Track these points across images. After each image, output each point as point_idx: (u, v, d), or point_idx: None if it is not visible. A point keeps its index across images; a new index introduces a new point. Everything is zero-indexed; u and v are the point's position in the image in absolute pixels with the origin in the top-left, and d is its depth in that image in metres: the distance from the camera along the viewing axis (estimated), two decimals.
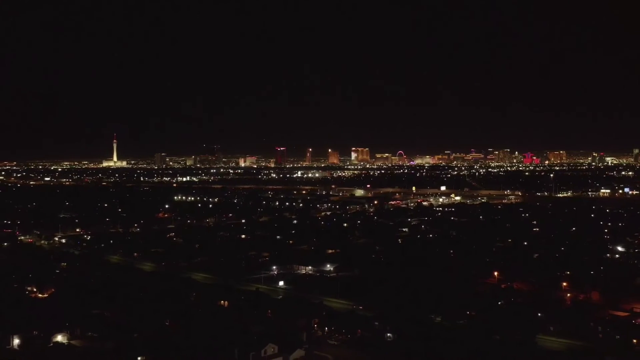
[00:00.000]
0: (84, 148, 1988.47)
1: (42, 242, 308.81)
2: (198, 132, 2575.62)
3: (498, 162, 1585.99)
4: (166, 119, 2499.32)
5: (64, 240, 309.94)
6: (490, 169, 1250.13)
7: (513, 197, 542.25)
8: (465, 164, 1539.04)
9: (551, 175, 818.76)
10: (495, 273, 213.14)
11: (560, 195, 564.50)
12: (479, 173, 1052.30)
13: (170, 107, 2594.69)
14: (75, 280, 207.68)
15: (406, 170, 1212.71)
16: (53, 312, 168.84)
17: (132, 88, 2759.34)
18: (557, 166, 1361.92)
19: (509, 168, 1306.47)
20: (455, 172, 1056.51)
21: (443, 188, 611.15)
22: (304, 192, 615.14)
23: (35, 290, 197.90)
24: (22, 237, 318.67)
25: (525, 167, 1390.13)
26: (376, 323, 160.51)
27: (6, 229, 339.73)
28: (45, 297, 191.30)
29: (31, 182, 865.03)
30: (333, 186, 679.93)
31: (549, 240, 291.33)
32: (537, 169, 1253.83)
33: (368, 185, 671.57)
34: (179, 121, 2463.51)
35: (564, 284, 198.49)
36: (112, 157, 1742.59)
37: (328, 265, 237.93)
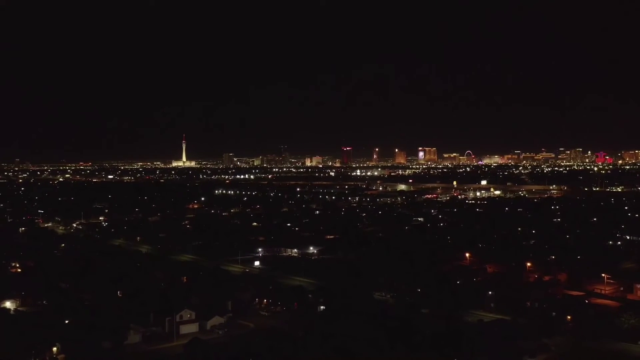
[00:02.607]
0: (158, 149, 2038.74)
1: (60, 227, 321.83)
2: (267, 133, 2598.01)
3: (569, 162, 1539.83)
4: (235, 120, 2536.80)
5: (80, 227, 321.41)
6: (557, 168, 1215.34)
7: (555, 191, 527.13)
8: (535, 164, 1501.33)
9: (602, 172, 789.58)
10: (467, 255, 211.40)
11: (608, 190, 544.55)
12: (542, 171, 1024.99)
13: (240, 108, 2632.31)
14: (56, 258, 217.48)
15: (469, 169, 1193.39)
16: (21, 283, 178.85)
17: (206, 90, 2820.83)
18: (629, 165, 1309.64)
19: (576, 167, 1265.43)
20: (517, 171, 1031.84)
21: (484, 182, 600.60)
22: (346, 187, 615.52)
23: (17, 265, 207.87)
24: (44, 224, 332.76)
25: (596, 166, 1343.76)
26: (310, 296, 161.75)
27: (30, 216, 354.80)
28: (19, 271, 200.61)
29: (94, 180, 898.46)
30: (378, 182, 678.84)
31: (557, 229, 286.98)
32: (607, 167, 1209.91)
33: (411, 180, 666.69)
34: (249, 123, 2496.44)
35: (529, 264, 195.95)
36: (182, 157, 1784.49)
37: (311, 248, 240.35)
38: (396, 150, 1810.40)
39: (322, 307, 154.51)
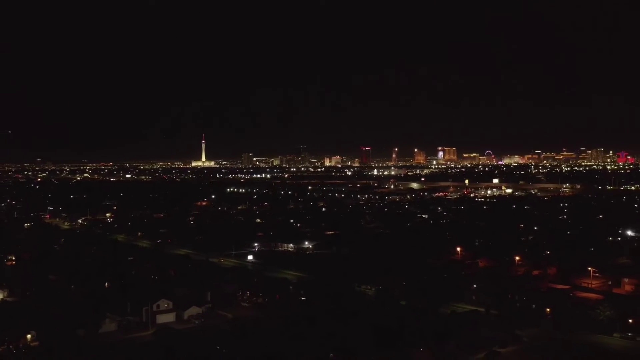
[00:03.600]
0: (179, 150, 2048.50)
1: (66, 223, 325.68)
2: (286, 133, 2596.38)
3: (590, 162, 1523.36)
4: (254, 120, 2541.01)
5: (85, 223, 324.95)
6: (577, 168, 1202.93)
7: (567, 190, 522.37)
8: (555, 164, 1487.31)
9: (621, 171, 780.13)
10: (459, 249, 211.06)
11: (622, 188, 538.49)
12: (561, 171, 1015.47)
13: (260, 109, 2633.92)
14: (53, 252, 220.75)
15: (487, 169, 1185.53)
16: (13, 275, 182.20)
17: (227, 90, 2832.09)
18: None
19: (596, 167, 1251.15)
20: (535, 171, 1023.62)
21: (495, 181, 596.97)
22: (358, 185, 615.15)
23: (12, 258, 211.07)
24: (51, 220, 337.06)
25: (617, 165, 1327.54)
26: (290, 287, 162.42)
27: (39, 212, 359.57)
28: (13, 264, 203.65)
29: (111, 179, 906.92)
30: (391, 180, 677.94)
31: (559, 226, 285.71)
32: (628, 167, 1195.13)
33: (423, 179, 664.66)
34: (269, 123, 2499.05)
35: (517, 259, 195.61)
36: (201, 157, 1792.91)
37: (306, 243, 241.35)
38: (415, 150, 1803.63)
39: (302, 298, 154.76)
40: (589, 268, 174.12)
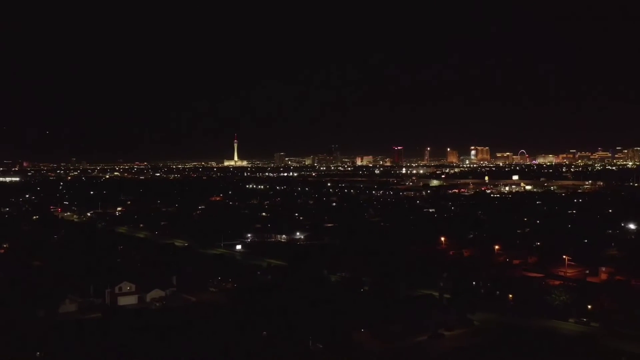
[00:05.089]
0: (212, 149, 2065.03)
1: (75, 216, 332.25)
2: (320, 133, 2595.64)
3: (625, 161, 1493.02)
4: (289, 120, 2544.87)
5: (93, 216, 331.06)
6: (610, 167, 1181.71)
7: (588, 186, 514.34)
8: (590, 163, 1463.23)
9: None
10: (443, 239, 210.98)
11: None
12: (592, 170, 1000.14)
13: (294, 109, 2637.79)
14: (43, 240, 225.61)
15: (518, 168, 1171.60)
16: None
17: (261, 90, 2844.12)
18: None
19: (630, 166, 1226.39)
20: (565, 169, 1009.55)
21: (515, 178, 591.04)
22: (377, 182, 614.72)
23: (6, 246, 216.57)
24: (62, 213, 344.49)
25: None
26: (258, 272, 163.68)
27: (53, 206, 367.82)
28: (2, 252, 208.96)
29: (140, 177, 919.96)
30: (414, 178, 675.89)
31: (562, 219, 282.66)
32: None
33: (443, 176, 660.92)
34: (302, 123, 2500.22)
35: (497, 247, 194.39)
36: (234, 157, 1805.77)
37: (298, 234, 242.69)
38: (448, 149, 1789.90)
39: (268, 283, 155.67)
40: (564, 257, 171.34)
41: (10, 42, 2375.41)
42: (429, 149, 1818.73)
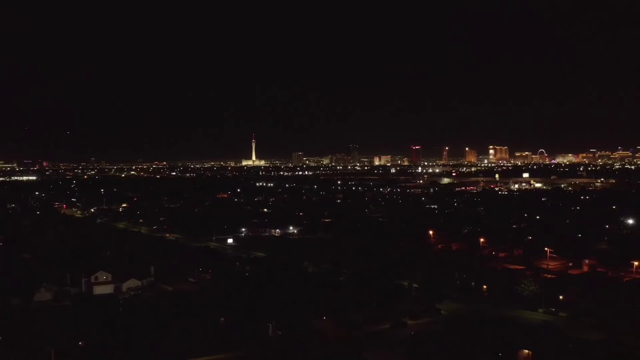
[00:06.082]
0: (231, 149, 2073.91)
1: (78, 212, 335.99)
2: (338, 133, 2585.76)
3: None
4: (306, 119, 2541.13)
5: (96, 212, 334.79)
6: (629, 166, 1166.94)
7: (599, 184, 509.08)
8: (610, 162, 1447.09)
9: None
10: (431, 233, 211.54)
11: None
12: (610, 169, 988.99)
13: (313, 108, 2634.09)
14: (36, 236, 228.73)
15: (535, 167, 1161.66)
16: None
17: (279, 89, 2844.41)
18: None
19: None
20: (583, 168, 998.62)
21: (526, 175, 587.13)
22: (388, 180, 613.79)
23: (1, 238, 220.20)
24: (67, 209, 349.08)
25: None
26: (237, 264, 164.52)
27: (58, 203, 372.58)
28: None
29: (157, 176, 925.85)
30: (425, 176, 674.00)
31: (562, 215, 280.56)
32: None
33: (454, 174, 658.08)
34: (322, 122, 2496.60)
35: (482, 240, 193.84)
36: (252, 157, 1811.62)
37: (291, 228, 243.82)
38: (467, 149, 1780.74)
39: (246, 274, 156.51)
40: (547, 250, 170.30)
41: (32, 44, 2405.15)
42: (447, 148, 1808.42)
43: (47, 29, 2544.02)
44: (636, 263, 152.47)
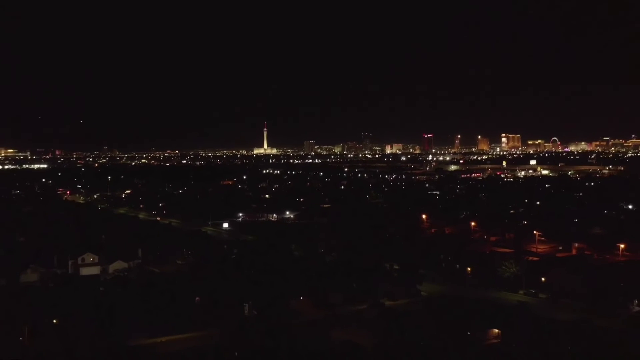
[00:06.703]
0: (243, 137, 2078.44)
1: (81, 198, 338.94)
2: (352, 121, 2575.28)
3: None
4: (322, 108, 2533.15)
5: (99, 198, 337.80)
6: None
7: (607, 171, 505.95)
8: (624, 150, 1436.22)
9: None
10: (424, 217, 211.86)
11: None
12: (623, 156, 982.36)
13: (326, 96, 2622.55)
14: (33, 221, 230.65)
15: (547, 155, 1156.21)
16: None
17: (291, 78, 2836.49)
18: None
19: None
20: (593, 156, 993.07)
21: (533, 162, 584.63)
22: (395, 167, 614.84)
23: None
24: (71, 196, 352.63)
25: None
26: (225, 246, 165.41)
27: (62, 189, 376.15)
28: None
29: (167, 164, 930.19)
30: (433, 164, 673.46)
31: (562, 201, 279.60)
32: None
33: (462, 161, 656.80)
34: (334, 111, 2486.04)
35: (473, 224, 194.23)
36: (263, 145, 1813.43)
37: (287, 213, 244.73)
38: (479, 137, 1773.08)
39: (233, 256, 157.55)
40: (535, 233, 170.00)
41: (47, 34, 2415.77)
42: (459, 136, 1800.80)
43: (63, 15, 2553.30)
44: (622, 246, 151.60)
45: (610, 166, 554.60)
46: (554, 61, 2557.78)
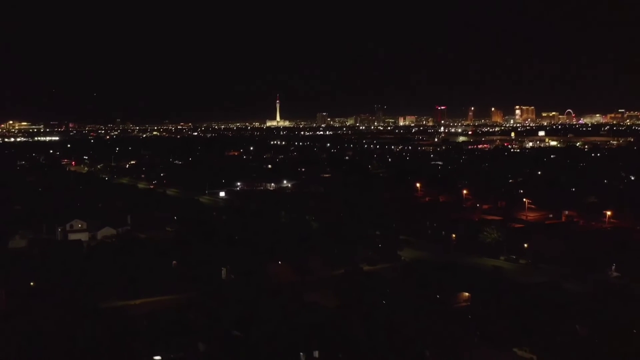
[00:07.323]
0: (258, 109, 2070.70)
1: (85, 168, 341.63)
2: (366, 93, 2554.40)
3: None
4: (336, 80, 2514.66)
5: (102, 168, 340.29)
6: None
7: (615, 143, 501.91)
8: (639, 122, 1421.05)
9: None
10: (418, 185, 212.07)
11: None
12: (634, 128, 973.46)
13: (338, 68, 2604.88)
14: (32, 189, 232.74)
15: (559, 127, 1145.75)
16: None
17: (301, 48, 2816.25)
18: None
19: None
20: (606, 128, 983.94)
21: (542, 134, 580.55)
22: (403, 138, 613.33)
23: None
24: (75, 166, 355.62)
25: None
26: (214, 213, 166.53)
27: (67, 160, 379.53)
28: None
29: (178, 136, 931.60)
30: (443, 135, 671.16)
31: (563, 171, 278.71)
32: None
33: (470, 132, 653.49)
34: (346, 83, 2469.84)
35: (465, 192, 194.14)
36: (276, 117, 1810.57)
37: (285, 182, 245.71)
38: (492, 109, 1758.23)
39: (219, 222, 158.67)
40: (525, 201, 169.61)
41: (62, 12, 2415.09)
42: (472, 108, 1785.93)
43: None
44: (609, 213, 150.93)
45: (620, 138, 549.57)
46: (573, 30, 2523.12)
